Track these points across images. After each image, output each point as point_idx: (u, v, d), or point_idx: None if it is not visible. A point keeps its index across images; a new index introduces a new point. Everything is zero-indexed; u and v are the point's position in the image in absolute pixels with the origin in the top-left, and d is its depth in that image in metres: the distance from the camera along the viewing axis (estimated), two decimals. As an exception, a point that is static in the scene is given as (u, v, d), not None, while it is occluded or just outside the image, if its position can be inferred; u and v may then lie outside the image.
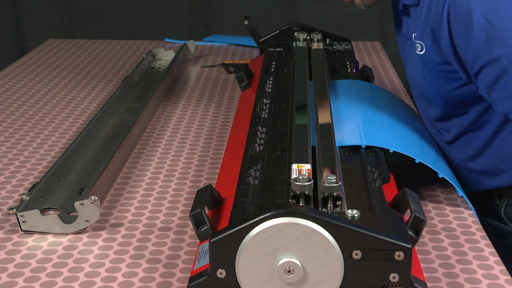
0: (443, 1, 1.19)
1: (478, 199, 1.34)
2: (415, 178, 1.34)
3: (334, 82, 1.56)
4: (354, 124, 1.31)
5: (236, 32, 2.77)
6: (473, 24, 1.15)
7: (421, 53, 1.30)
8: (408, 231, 0.95)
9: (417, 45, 1.30)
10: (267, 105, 1.41)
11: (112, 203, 1.29)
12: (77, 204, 1.16)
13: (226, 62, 2.13)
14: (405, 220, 0.98)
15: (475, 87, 1.25)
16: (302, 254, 0.86)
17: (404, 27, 1.39)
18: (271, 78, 1.59)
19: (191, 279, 0.91)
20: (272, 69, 1.67)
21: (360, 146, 1.22)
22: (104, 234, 1.18)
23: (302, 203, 0.95)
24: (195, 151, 1.52)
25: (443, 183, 1.32)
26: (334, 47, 1.88)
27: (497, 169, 1.33)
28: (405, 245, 0.85)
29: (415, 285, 0.86)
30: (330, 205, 0.96)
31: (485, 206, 1.37)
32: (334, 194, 0.95)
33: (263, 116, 1.35)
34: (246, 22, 1.98)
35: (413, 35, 1.33)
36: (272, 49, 1.84)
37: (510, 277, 1.04)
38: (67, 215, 1.23)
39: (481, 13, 1.14)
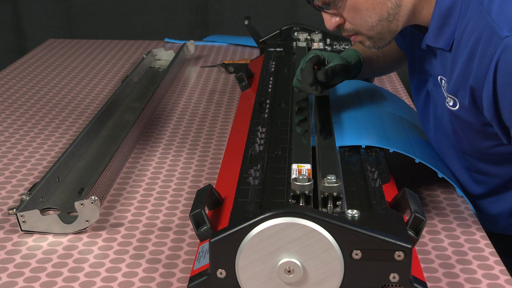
0: (487, 62, 1.06)
1: (497, 237, 1.28)
2: (415, 178, 1.34)
3: (334, 82, 1.56)
4: (354, 124, 1.31)
5: (236, 32, 2.77)
6: None
7: (454, 108, 1.17)
8: (408, 231, 0.95)
9: (448, 98, 1.18)
10: (267, 105, 1.41)
11: (112, 203, 1.29)
12: (77, 204, 1.16)
13: (226, 62, 2.13)
14: (405, 220, 0.98)
15: None
16: (302, 254, 0.86)
17: (427, 64, 1.25)
18: (271, 78, 1.59)
19: (191, 279, 0.91)
20: (272, 69, 1.67)
21: (360, 146, 1.22)
22: (104, 234, 1.18)
23: (302, 203, 0.95)
24: (195, 151, 1.52)
25: (443, 183, 1.32)
26: (334, 47, 1.88)
27: None
28: (405, 245, 0.85)
29: (415, 285, 0.86)
30: (330, 205, 0.96)
31: (508, 244, 1.30)
32: (334, 194, 0.95)
33: (263, 116, 1.35)
34: (246, 22, 1.98)
35: (439, 77, 1.21)
36: (272, 49, 1.84)
37: (510, 277, 1.04)
38: (67, 215, 1.23)
39: None
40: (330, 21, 1.21)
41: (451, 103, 1.17)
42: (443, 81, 1.20)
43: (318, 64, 1.32)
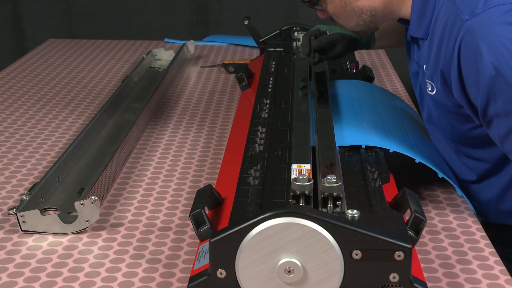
0: (452, 45, 1.12)
1: (492, 227, 1.31)
2: (415, 178, 1.34)
3: (334, 82, 1.56)
4: (354, 124, 1.31)
5: (236, 32, 2.77)
6: (483, 73, 1.07)
7: (432, 93, 1.23)
8: (408, 231, 0.95)
9: (428, 84, 1.24)
10: (267, 105, 1.41)
11: (112, 203, 1.29)
12: (77, 204, 1.16)
13: (226, 62, 2.13)
14: (405, 220, 0.98)
15: None
16: (302, 254, 0.86)
17: (415, 55, 1.32)
18: (271, 78, 1.59)
19: (191, 279, 0.91)
20: (272, 69, 1.67)
21: (360, 146, 1.22)
22: (104, 234, 1.18)
23: (302, 203, 0.95)
24: (195, 151, 1.52)
25: (443, 183, 1.32)
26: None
27: None
28: (405, 245, 0.85)
29: (415, 285, 0.86)
30: (330, 205, 0.96)
31: (502, 233, 1.32)
32: (334, 194, 0.95)
33: (263, 116, 1.35)
34: (246, 22, 1.98)
35: (424, 66, 1.26)
36: (272, 49, 1.84)
37: (510, 277, 1.04)
38: (67, 215, 1.23)
39: (491, 62, 1.06)
40: (321, 14, 1.35)
41: (429, 89, 1.23)
42: (425, 67, 1.26)
43: (319, 36, 1.48)
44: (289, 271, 0.86)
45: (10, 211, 1.16)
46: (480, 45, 1.07)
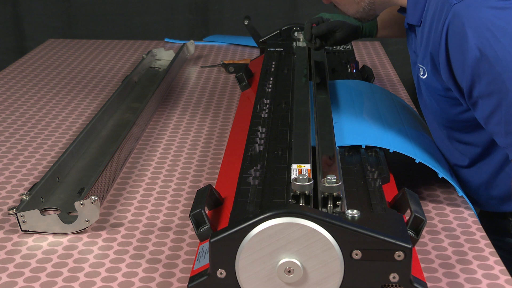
0: (440, 28, 1.16)
1: (487, 216, 1.32)
2: (415, 178, 1.34)
3: (334, 82, 1.56)
4: (354, 124, 1.31)
5: (236, 32, 2.77)
6: (468, 55, 1.11)
7: (423, 77, 1.26)
8: (408, 231, 0.95)
9: (420, 68, 1.27)
10: (267, 105, 1.41)
11: (112, 203, 1.29)
12: (77, 204, 1.16)
13: (226, 62, 2.13)
14: (405, 220, 0.98)
15: None
16: (302, 254, 0.86)
17: (413, 43, 1.35)
18: (271, 78, 1.59)
19: (191, 279, 0.91)
20: (272, 69, 1.67)
21: (360, 146, 1.22)
22: (104, 234, 1.18)
23: (302, 203, 0.95)
24: (195, 151, 1.52)
25: (443, 183, 1.32)
26: (334, 47, 1.88)
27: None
28: (405, 245, 0.85)
29: (415, 285, 0.86)
30: (330, 205, 0.96)
31: (496, 222, 1.34)
32: (334, 194, 0.95)
33: (263, 116, 1.35)
34: (246, 22, 1.98)
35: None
36: (272, 49, 1.84)
37: (510, 277, 1.04)
38: (67, 215, 1.23)
39: (475, 45, 1.09)
40: (324, 0, 1.42)
41: (421, 73, 1.27)
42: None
43: (321, 23, 1.59)
44: (289, 271, 0.86)
45: (10, 211, 1.16)
46: (466, 28, 1.11)
